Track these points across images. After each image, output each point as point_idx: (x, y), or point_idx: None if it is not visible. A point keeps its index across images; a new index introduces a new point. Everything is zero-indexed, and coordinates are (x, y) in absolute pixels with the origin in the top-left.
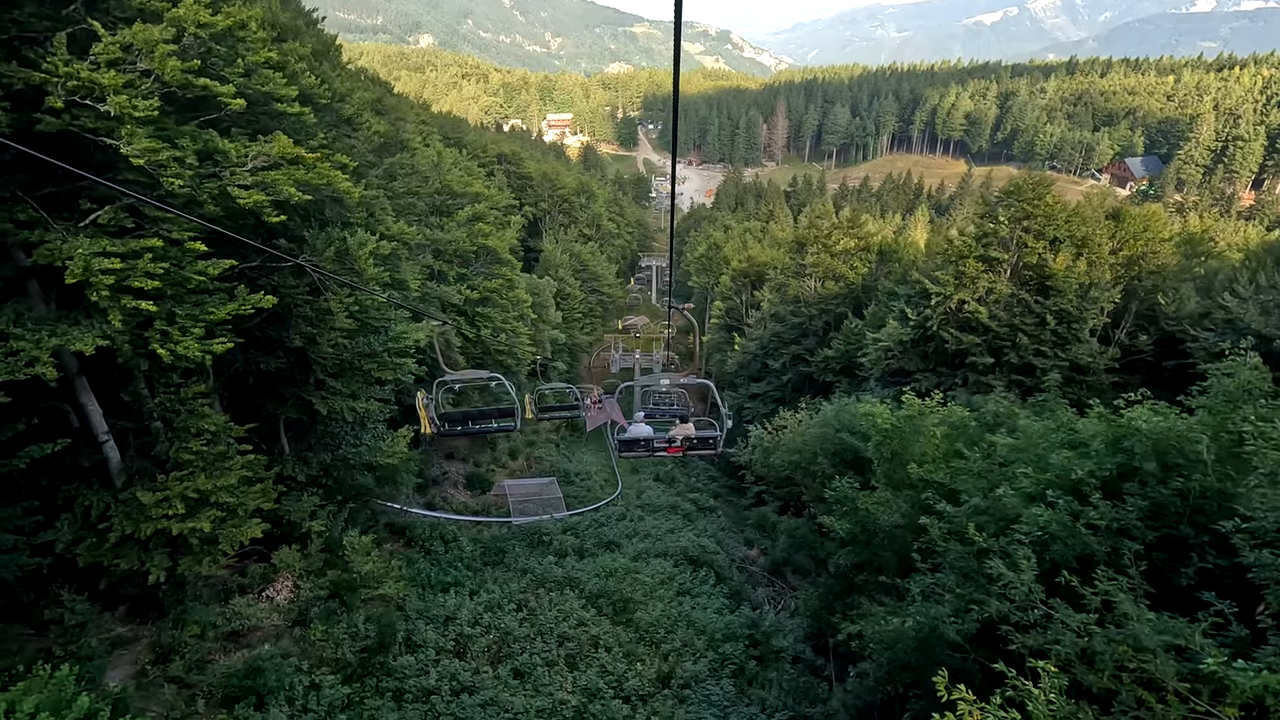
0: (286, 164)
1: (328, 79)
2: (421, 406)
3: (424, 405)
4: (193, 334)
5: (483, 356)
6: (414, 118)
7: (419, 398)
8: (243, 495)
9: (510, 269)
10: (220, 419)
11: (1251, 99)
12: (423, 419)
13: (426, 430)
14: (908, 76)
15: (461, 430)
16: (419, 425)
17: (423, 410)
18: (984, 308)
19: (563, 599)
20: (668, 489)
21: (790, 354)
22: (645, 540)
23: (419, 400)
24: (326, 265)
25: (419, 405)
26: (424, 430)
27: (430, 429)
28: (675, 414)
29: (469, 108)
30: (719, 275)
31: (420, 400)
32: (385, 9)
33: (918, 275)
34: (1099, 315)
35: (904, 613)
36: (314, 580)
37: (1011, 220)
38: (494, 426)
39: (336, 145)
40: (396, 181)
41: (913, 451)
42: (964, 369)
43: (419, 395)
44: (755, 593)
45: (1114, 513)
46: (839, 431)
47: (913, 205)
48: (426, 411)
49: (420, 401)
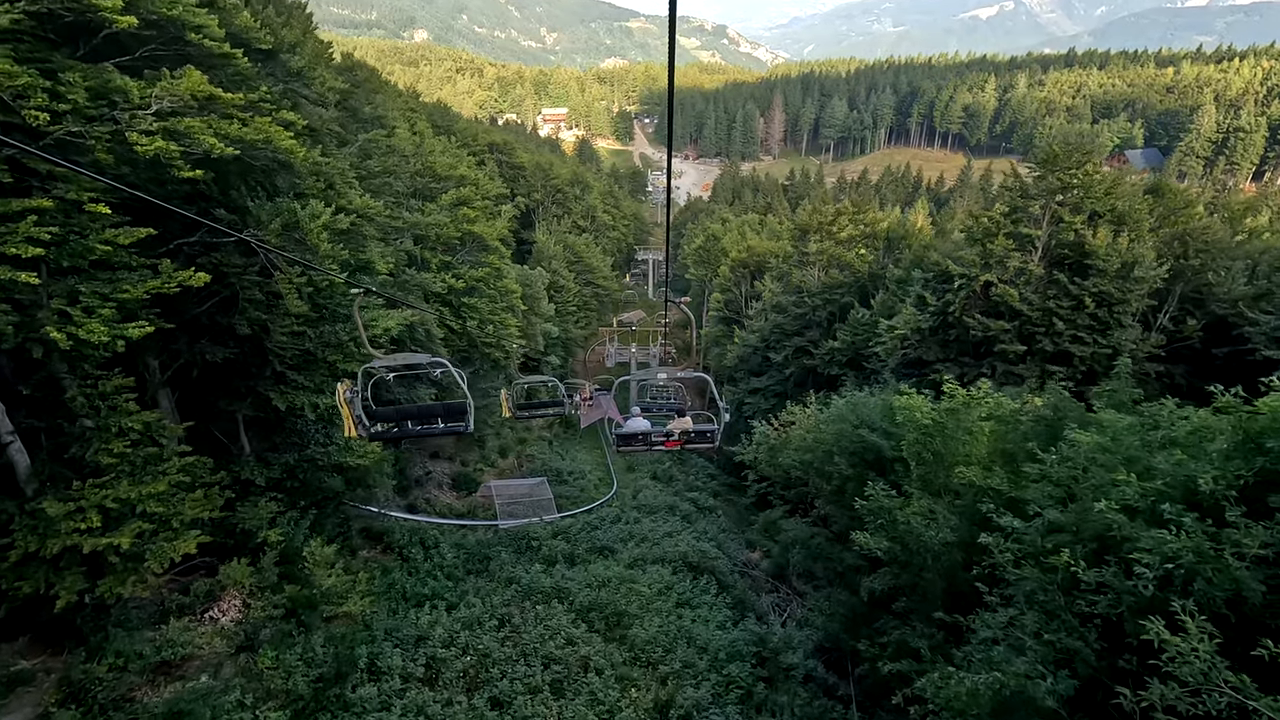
0: (201, 107)
1: (271, 24)
2: (344, 401)
3: (346, 400)
4: (101, 315)
5: (469, 350)
6: (401, 105)
7: (340, 390)
8: (177, 504)
9: (498, 257)
10: (151, 416)
11: (1252, 90)
12: (345, 418)
13: (351, 433)
14: (905, 70)
15: (399, 433)
16: None
17: (345, 406)
18: (1014, 290)
19: (550, 613)
20: (665, 488)
21: (793, 346)
22: (642, 544)
23: (340, 393)
24: (271, 239)
25: (340, 400)
26: (348, 432)
27: (356, 430)
28: (673, 408)
29: (463, 102)
30: (717, 267)
31: (341, 393)
32: (380, 4)
33: (936, 256)
34: (1142, 297)
35: (972, 666)
36: (267, 598)
37: (1046, 193)
38: (439, 428)
39: (285, 102)
40: (372, 160)
41: (957, 451)
42: (991, 358)
43: (339, 387)
44: (759, 600)
45: (1266, 534)
46: (858, 428)
47: (912, 198)
48: (350, 408)
49: (341, 395)
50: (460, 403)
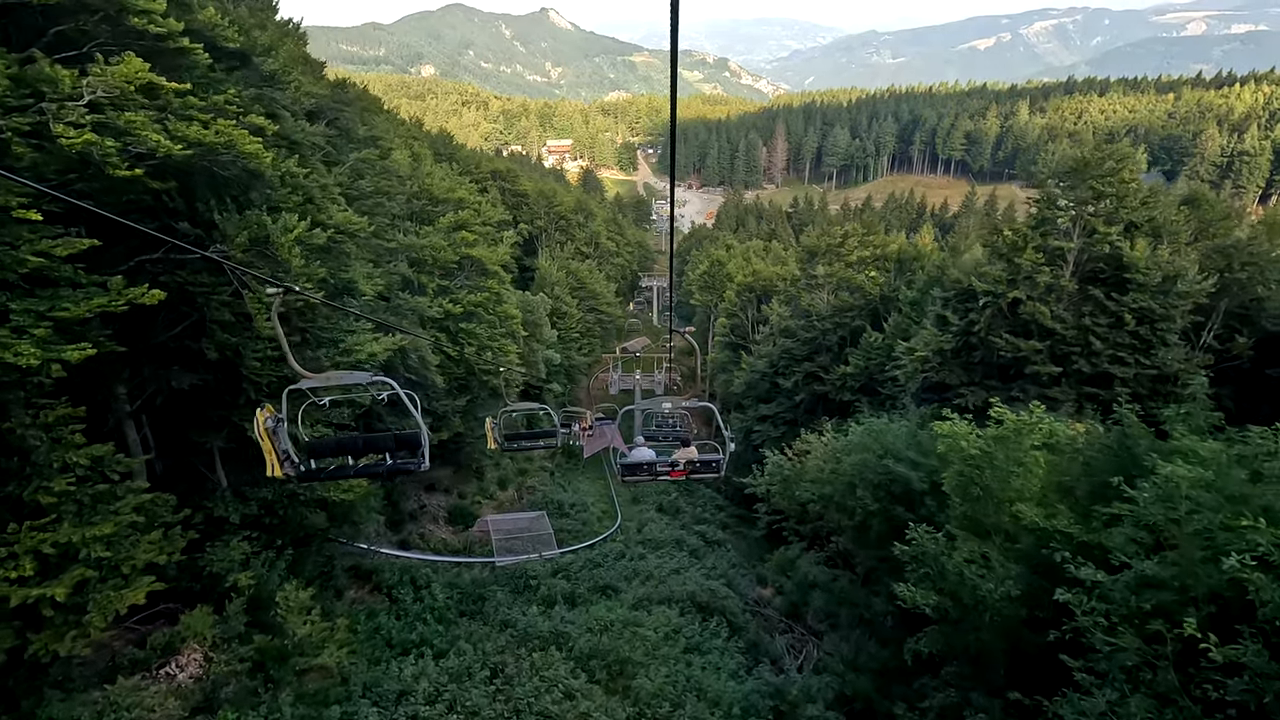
0: (157, 105)
1: (241, 24)
2: (264, 432)
3: (267, 429)
4: (33, 335)
5: (467, 377)
6: (404, 133)
7: (258, 418)
8: (128, 547)
9: (498, 281)
10: (103, 449)
11: (1255, 114)
12: (267, 452)
13: (276, 471)
14: (906, 99)
15: (334, 470)
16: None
17: (265, 438)
18: (1045, 307)
19: (547, 661)
20: (672, 520)
21: (803, 371)
22: (647, 583)
23: (258, 422)
24: (237, 254)
25: (259, 430)
26: (271, 471)
27: (280, 468)
28: (678, 436)
29: (469, 134)
30: (722, 292)
31: (260, 422)
32: (388, 41)
33: (957, 273)
34: (1186, 314)
35: None
36: (232, 650)
37: (1077, 204)
38: (385, 464)
39: (257, 108)
40: (364, 180)
41: (1009, 486)
42: (1021, 381)
43: (258, 414)
44: (773, 643)
45: None
46: (883, 458)
47: (916, 224)
48: (273, 440)
49: (260, 424)
50: (413, 433)
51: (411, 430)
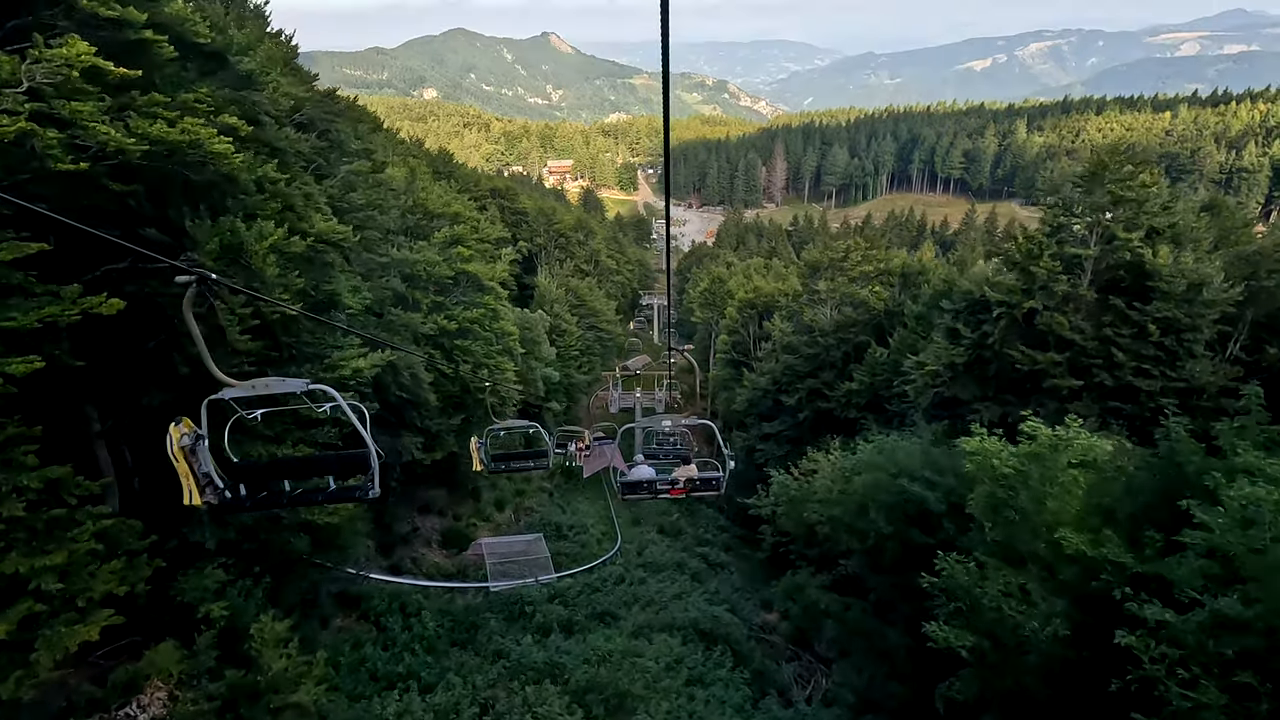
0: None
1: (215, 20)
2: (178, 453)
3: (181, 447)
4: None
5: (461, 395)
6: (402, 151)
7: (171, 436)
8: (84, 578)
9: (494, 297)
10: (60, 471)
11: (1252, 131)
12: (183, 476)
13: (194, 500)
14: (904, 118)
15: (267, 499)
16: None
17: (180, 460)
18: (1063, 317)
19: (541, 696)
20: (673, 542)
21: (806, 388)
22: (648, 609)
23: (172, 441)
24: (206, 262)
25: (172, 450)
26: (189, 499)
27: (199, 496)
28: (678, 454)
29: (470, 155)
30: (723, 309)
31: (175, 440)
32: (391, 65)
33: (969, 284)
34: (1213, 323)
35: None
36: (200, 688)
37: (1094, 209)
38: (328, 490)
39: (232, 109)
40: (355, 193)
41: (1045, 509)
42: (1038, 395)
43: (171, 432)
44: (780, 671)
45: None
46: (896, 477)
47: (917, 241)
48: (191, 463)
49: (174, 443)
50: (361, 453)
51: (360, 450)
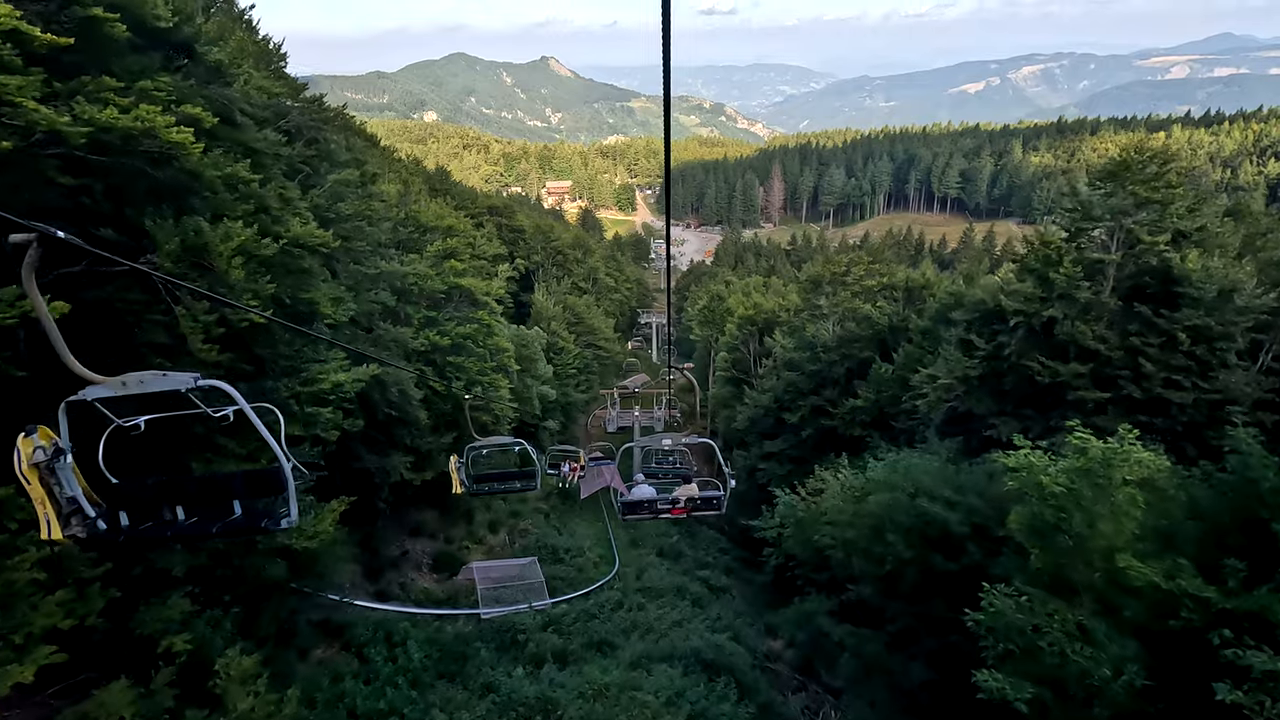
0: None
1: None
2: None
3: (33, 465)
4: None
5: (454, 414)
6: (398, 168)
7: (20, 450)
8: (23, 611)
9: (488, 313)
10: (3, 492)
11: (1246, 150)
12: (38, 503)
13: (54, 533)
14: (901, 139)
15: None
16: None
17: (33, 480)
18: (1086, 326)
19: None
20: (673, 565)
21: (809, 405)
22: (646, 637)
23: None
24: (165, 264)
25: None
26: (48, 532)
27: (59, 528)
28: (679, 473)
29: (469, 176)
30: (723, 326)
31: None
32: (392, 89)
33: (980, 294)
34: (1246, 332)
35: None
36: None
37: (1116, 212)
38: (229, 519)
39: (200, 101)
40: (344, 203)
41: (1099, 532)
42: (1061, 408)
43: (20, 445)
44: (787, 704)
45: None
46: (915, 497)
47: (916, 259)
48: (49, 485)
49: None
50: (273, 469)
51: (272, 466)
